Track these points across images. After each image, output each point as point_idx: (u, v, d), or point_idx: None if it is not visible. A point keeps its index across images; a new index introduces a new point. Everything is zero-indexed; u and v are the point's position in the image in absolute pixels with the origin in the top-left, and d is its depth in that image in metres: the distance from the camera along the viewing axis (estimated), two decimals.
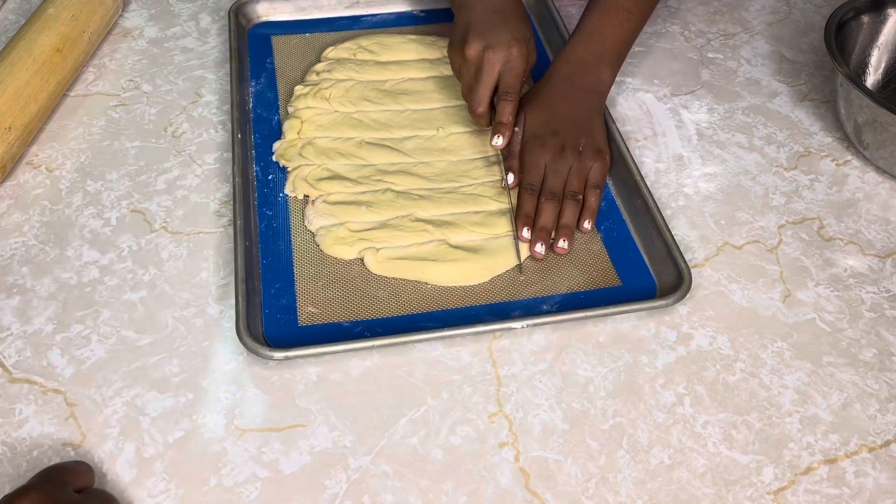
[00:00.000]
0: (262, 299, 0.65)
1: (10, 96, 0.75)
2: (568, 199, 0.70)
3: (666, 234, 0.68)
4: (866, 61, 0.85)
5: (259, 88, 0.85)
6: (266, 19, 0.93)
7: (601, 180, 0.72)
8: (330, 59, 0.86)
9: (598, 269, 0.68)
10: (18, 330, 0.63)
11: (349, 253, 0.68)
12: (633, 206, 0.72)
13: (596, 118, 0.75)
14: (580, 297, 0.66)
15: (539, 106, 0.75)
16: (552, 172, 0.71)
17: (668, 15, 0.97)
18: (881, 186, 0.77)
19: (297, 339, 0.63)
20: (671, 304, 0.64)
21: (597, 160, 0.72)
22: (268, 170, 0.76)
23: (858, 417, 0.60)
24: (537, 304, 0.66)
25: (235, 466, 0.56)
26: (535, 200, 0.70)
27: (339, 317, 0.65)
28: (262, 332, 0.63)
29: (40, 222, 0.72)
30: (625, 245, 0.70)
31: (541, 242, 0.68)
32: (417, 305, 0.66)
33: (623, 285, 0.67)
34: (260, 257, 0.68)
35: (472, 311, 0.65)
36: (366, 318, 0.65)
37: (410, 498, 0.54)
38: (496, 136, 0.72)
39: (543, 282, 0.67)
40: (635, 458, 0.57)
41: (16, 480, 0.54)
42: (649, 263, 0.69)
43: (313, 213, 0.71)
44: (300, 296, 0.66)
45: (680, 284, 0.64)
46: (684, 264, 0.65)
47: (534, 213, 0.70)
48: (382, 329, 0.63)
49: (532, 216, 0.70)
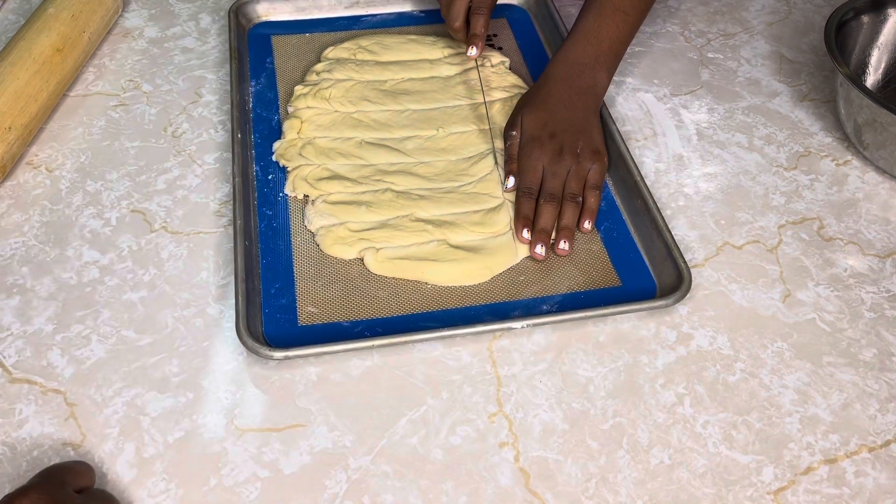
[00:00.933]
0: (262, 299, 0.65)
1: (10, 96, 0.75)
2: (567, 200, 0.70)
3: (666, 234, 0.68)
4: (866, 61, 0.85)
5: (259, 88, 0.85)
6: (266, 19, 0.93)
7: (600, 181, 0.72)
8: (330, 59, 0.86)
9: (597, 269, 0.68)
10: (18, 330, 0.64)
11: (349, 253, 0.68)
12: (633, 207, 0.72)
13: (593, 119, 0.75)
14: (580, 297, 0.66)
15: (536, 108, 0.75)
16: (551, 174, 0.71)
17: (668, 15, 0.97)
18: (881, 186, 0.77)
19: (297, 338, 0.63)
20: (671, 305, 0.64)
21: (595, 161, 0.72)
22: (268, 169, 0.76)
23: (858, 417, 0.60)
24: (537, 304, 0.66)
25: (235, 466, 0.56)
26: (533, 203, 0.71)
27: (339, 316, 0.65)
28: (262, 332, 0.63)
29: (40, 222, 0.72)
30: (625, 245, 0.70)
31: (541, 244, 0.68)
32: (417, 305, 0.66)
33: (623, 285, 0.67)
34: (260, 257, 0.68)
35: (471, 311, 0.65)
36: (366, 317, 0.65)
37: (410, 498, 0.54)
38: (471, 46, 0.77)
39: (543, 282, 0.67)
40: (635, 458, 0.57)
41: (16, 480, 0.54)
42: (649, 264, 0.69)
43: (313, 213, 0.71)
44: (300, 295, 0.66)
45: (680, 284, 0.64)
46: (684, 264, 0.65)
47: (533, 214, 0.70)
48: (382, 329, 0.63)
49: (531, 218, 0.70)
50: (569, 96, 0.75)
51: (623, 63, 0.90)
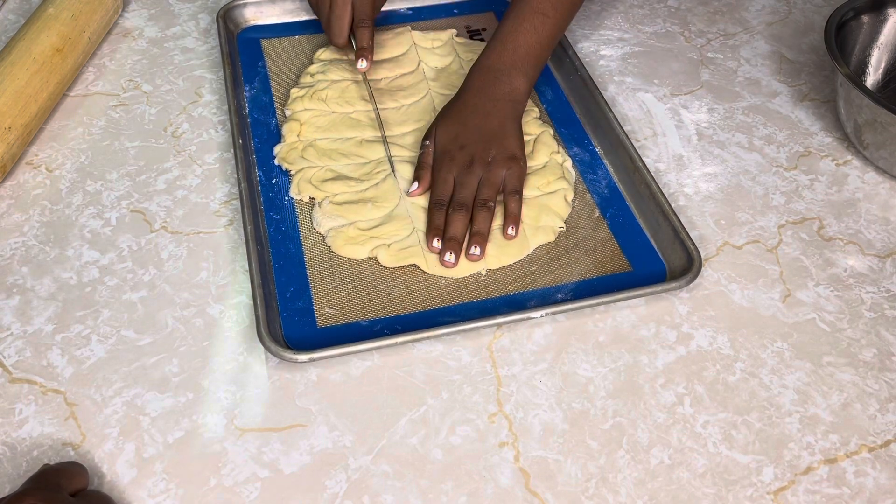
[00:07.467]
0: (278, 303, 0.65)
1: (10, 96, 0.75)
2: (478, 207, 0.70)
3: (672, 218, 0.69)
4: (866, 61, 0.85)
5: (254, 93, 0.85)
6: (254, 23, 0.93)
7: (518, 186, 0.71)
8: (322, 59, 0.87)
9: (607, 255, 0.69)
10: (18, 330, 0.64)
11: (361, 252, 0.69)
12: (637, 193, 0.73)
13: (509, 126, 0.74)
14: (593, 283, 0.67)
15: (449, 121, 0.75)
16: (459, 185, 0.71)
17: (668, 15, 0.97)
18: (881, 186, 0.77)
19: (318, 340, 0.63)
20: (683, 286, 0.64)
21: (510, 167, 0.71)
22: (270, 173, 0.76)
23: (858, 417, 0.60)
24: (552, 294, 0.66)
25: (235, 466, 0.56)
26: (444, 213, 0.70)
27: (357, 316, 0.65)
28: (282, 336, 0.63)
29: (40, 222, 0.72)
30: (631, 231, 0.71)
31: (450, 251, 0.67)
32: (434, 301, 0.66)
33: (634, 270, 0.68)
34: (272, 261, 0.68)
35: (488, 303, 0.66)
36: (384, 315, 0.65)
37: (410, 498, 0.54)
38: (360, 59, 0.79)
39: (556, 270, 0.68)
40: (635, 458, 0.57)
41: (16, 480, 0.54)
42: (658, 248, 0.70)
43: (321, 215, 0.71)
44: (316, 297, 0.66)
45: (690, 266, 0.65)
46: (693, 246, 0.66)
47: (443, 225, 0.69)
48: (402, 326, 0.64)
49: (441, 228, 0.69)
50: (483, 105, 0.74)
51: (623, 63, 0.90)
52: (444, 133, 0.74)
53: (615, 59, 0.91)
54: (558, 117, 0.82)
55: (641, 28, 0.95)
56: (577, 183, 0.76)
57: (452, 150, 0.73)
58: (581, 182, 0.76)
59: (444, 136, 0.74)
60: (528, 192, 0.73)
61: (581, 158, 0.78)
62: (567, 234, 0.71)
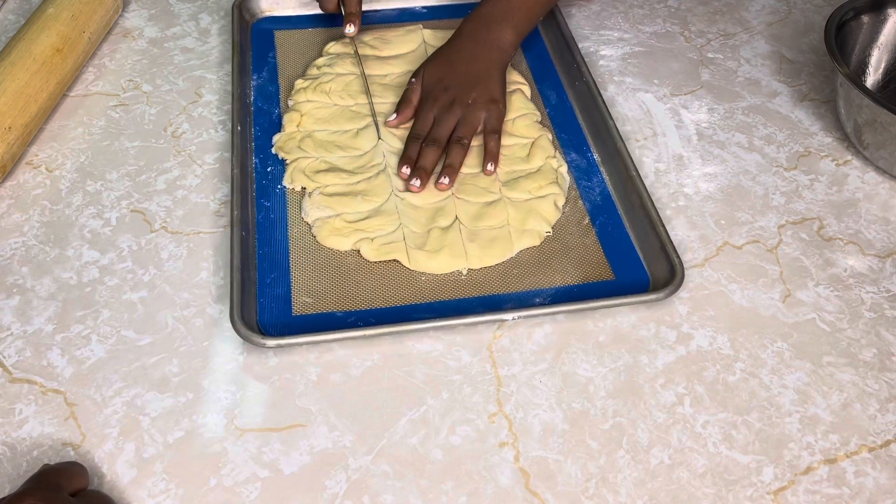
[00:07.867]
0: (257, 289, 0.66)
1: (10, 96, 0.75)
2: (453, 143, 0.74)
3: (660, 228, 0.68)
4: (866, 61, 0.85)
5: (261, 82, 0.85)
6: (269, 14, 0.94)
7: (497, 126, 0.76)
8: (331, 53, 0.87)
9: (591, 263, 0.69)
10: (18, 330, 0.64)
11: (344, 244, 0.69)
12: (629, 202, 0.72)
13: (494, 72, 0.79)
14: (573, 290, 0.67)
15: (437, 63, 0.80)
16: (437, 122, 0.76)
17: (668, 15, 0.97)
18: (881, 186, 0.77)
19: (291, 328, 0.63)
20: (662, 299, 0.64)
21: (489, 109, 0.76)
22: (267, 162, 0.77)
23: (858, 417, 0.60)
24: (530, 297, 0.66)
25: (235, 466, 0.56)
26: (418, 146, 0.74)
27: (333, 307, 0.65)
28: (257, 321, 0.63)
29: (40, 222, 0.72)
30: (619, 240, 0.71)
31: (416, 178, 0.72)
32: (411, 296, 0.66)
33: (616, 279, 0.68)
34: (256, 247, 0.69)
35: (465, 302, 0.66)
36: (359, 308, 0.65)
37: (410, 498, 0.54)
38: (348, 24, 0.82)
39: (537, 275, 0.68)
40: (635, 458, 0.57)
41: (16, 480, 0.54)
42: (643, 258, 0.69)
43: (310, 205, 0.71)
44: (295, 286, 0.66)
45: (672, 279, 0.65)
46: (677, 259, 0.66)
47: (416, 156, 0.73)
48: (376, 319, 0.64)
49: (414, 159, 0.74)
50: (472, 49, 0.79)
51: (623, 63, 0.90)
52: (431, 74, 0.79)
53: (615, 59, 0.91)
54: (560, 122, 0.82)
55: (641, 28, 0.95)
56: (571, 189, 0.75)
57: (436, 90, 0.78)
58: (575, 188, 0.75)
59: (430, 76, 0.79)
60: (518, 195, 0.73)
61: (578, 165, 0.78)
62: (553, 239, 0.71)
